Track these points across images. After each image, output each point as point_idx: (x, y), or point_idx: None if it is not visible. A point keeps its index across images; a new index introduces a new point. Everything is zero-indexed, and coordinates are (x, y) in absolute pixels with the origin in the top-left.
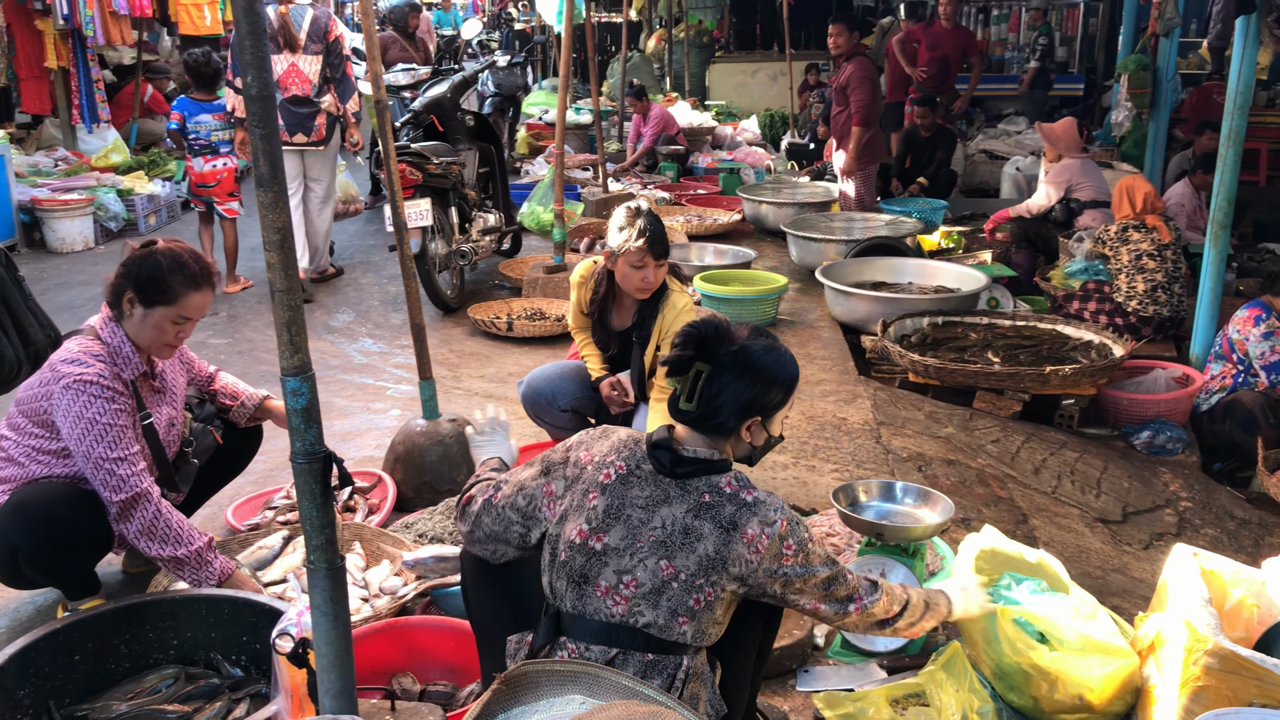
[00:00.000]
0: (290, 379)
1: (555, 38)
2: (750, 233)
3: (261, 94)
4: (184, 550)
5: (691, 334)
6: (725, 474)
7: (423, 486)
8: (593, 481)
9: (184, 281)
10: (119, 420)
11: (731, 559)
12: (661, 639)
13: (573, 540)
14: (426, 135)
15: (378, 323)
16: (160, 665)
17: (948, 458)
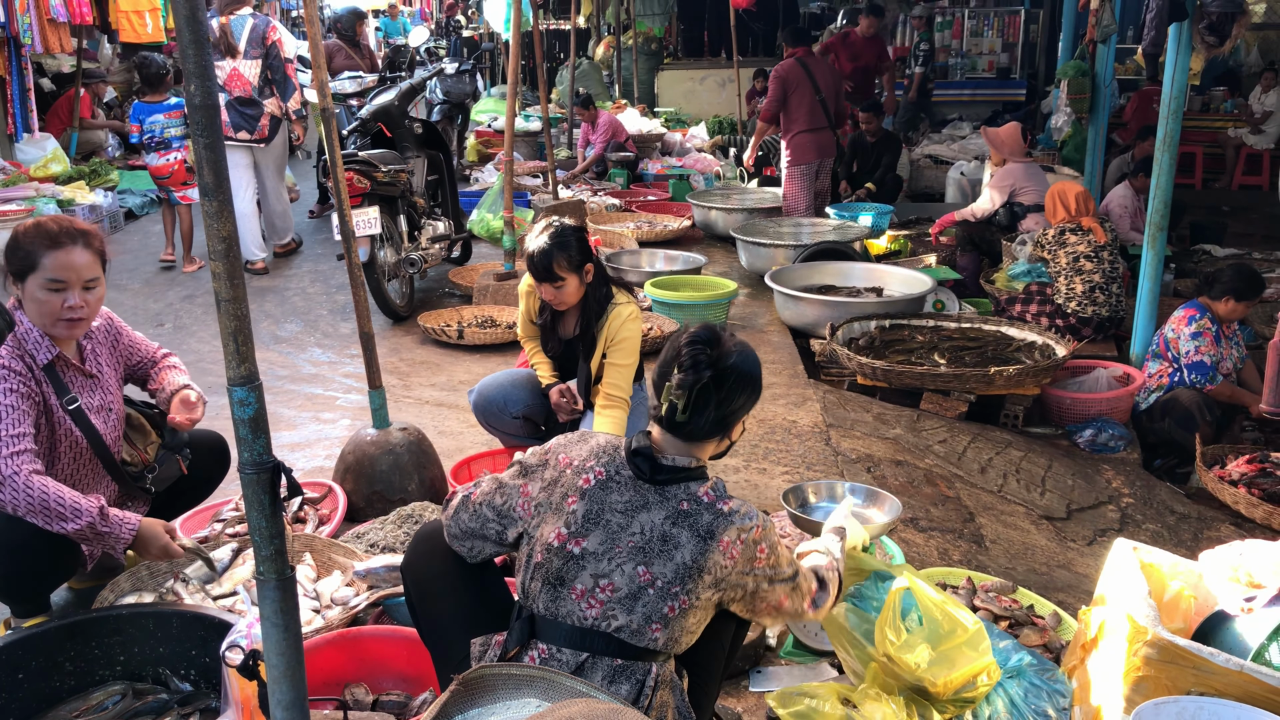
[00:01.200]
0: (237, 389)
1: (504, 45)
2: (700, 239)
3: (205, 103)
4: (75, 524)
5: (702, 353)
6: (703, 482)
7: (373, 496)
8: (572, 485)
9: (44, 242)
10: (5, 399)
11: (708, 567)
12: (632, 644)
13: (550, 543)
14: (374, 143)
15: (326, 332)
16: (107, 682)
17: (896, 458)
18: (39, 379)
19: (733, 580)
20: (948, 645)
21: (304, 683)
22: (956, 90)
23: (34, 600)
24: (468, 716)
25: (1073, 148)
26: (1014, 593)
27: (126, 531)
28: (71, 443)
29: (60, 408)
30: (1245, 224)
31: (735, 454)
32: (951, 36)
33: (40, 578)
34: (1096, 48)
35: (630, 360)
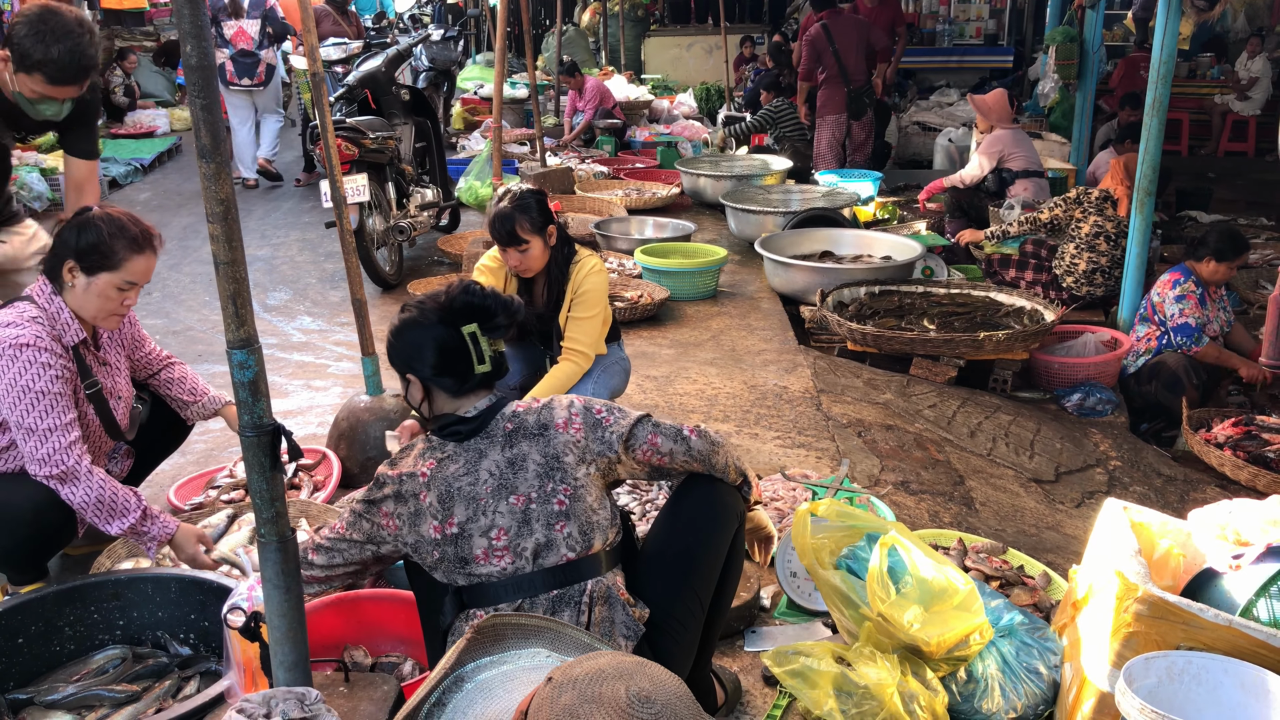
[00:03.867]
0: (236, 351)
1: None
2: (689, 206)
3: (201, 64)
4: (123, 523)
5: (489, 296)
6: (508, 403)
7: (368, 463)
8: (414, 487)
9: (127, 245)
10: (53, 387)
11: (560, 451)
12: (554, 566)
13: (434, 539)
14: (361, 110)
15: (316, 300)
16: (106, 646)
17: (886, 423)
18: (70, 358)
19: (594, 448)
20: (940, 606)
21: (305, 644)
22: (944, 57)
23: (34, 568)
24: (479, 664)
25: (1060, 114)
26: (1004, 554)
27: (164, 533)
28: (86, 422)
29: (81, 389)
30: (1230, 190)
31: (728, 419)
32: (939, 3)
33: (45, 548)
34: (1085, 13)
35: (593, 312)
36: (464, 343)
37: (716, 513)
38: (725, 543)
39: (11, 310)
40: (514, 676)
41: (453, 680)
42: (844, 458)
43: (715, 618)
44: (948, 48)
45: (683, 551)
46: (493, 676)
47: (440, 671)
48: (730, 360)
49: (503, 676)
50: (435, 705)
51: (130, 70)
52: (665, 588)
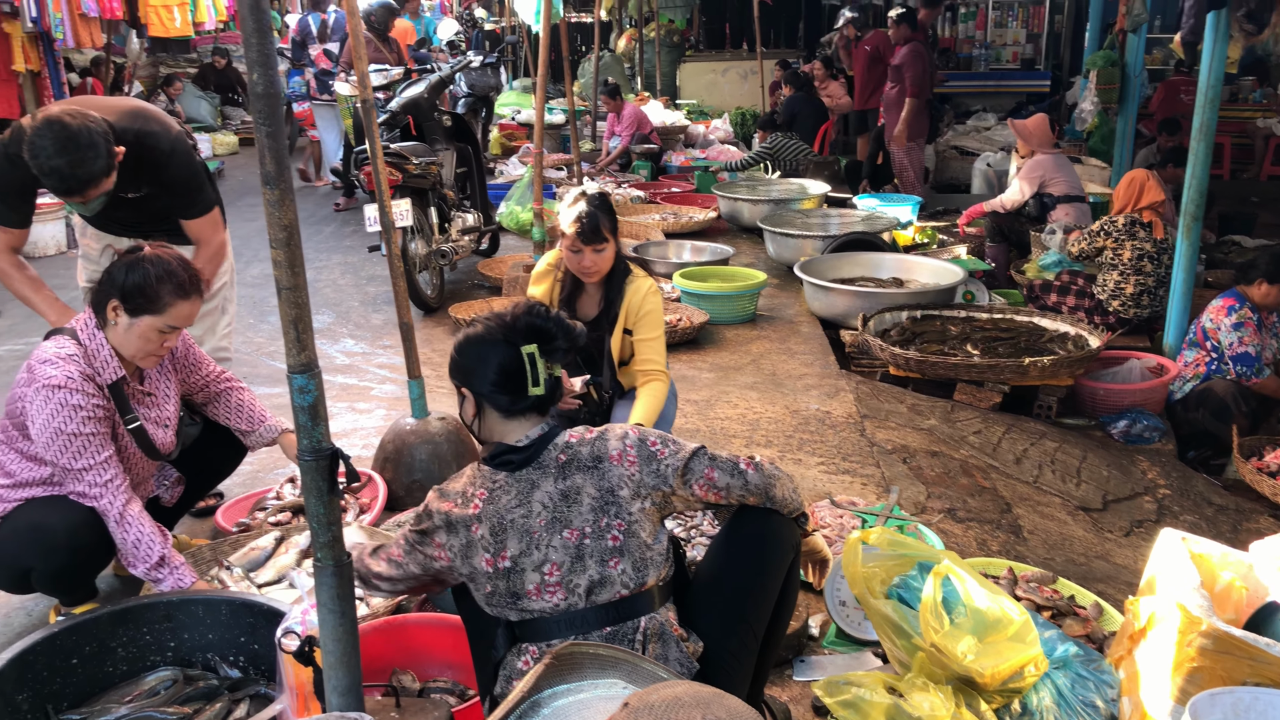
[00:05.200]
0: (297, 376)
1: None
2: (726, 230)
3: (267, 90)
4: (141, 568)
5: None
6: (560, 433)
7: (413, 485)
8: (465, 519)
9: (173, 290)
10: (85, 428)
11: (617, 485)
12: (608, 603)
13: (486, 572)
14: (403, 136)
15: (358, 323)
16: (158, 667)
17: (931, 449)
18: (106, 396)
19: (649, 482)
20: (995, 636)
21: (359, 668)
22: (980, 81)
23: (82, 589)
24: (556, 691)
25: (1099, 138)
26: (1054, 583)
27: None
28: (128, 454)
29: (121, 425)
30: (1274, 214)
31: (770, 444)
32: (975, 27)
33: (83, 569)
34: (1126, 37)
35: (659, 332)
36: (522, 363)
37: (773, 545)
38: (780, 576)
39: (52, 344)
40: (590, 705)
41: (529, 705)
42: (892, 485)
43: (768, 651)
44: (984, 72)
45: (737, 585)
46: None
47: (517, 696)
48: (771, 384)
49: (579, 704)
50: None
51: (175, 96)
52: (719, 622)
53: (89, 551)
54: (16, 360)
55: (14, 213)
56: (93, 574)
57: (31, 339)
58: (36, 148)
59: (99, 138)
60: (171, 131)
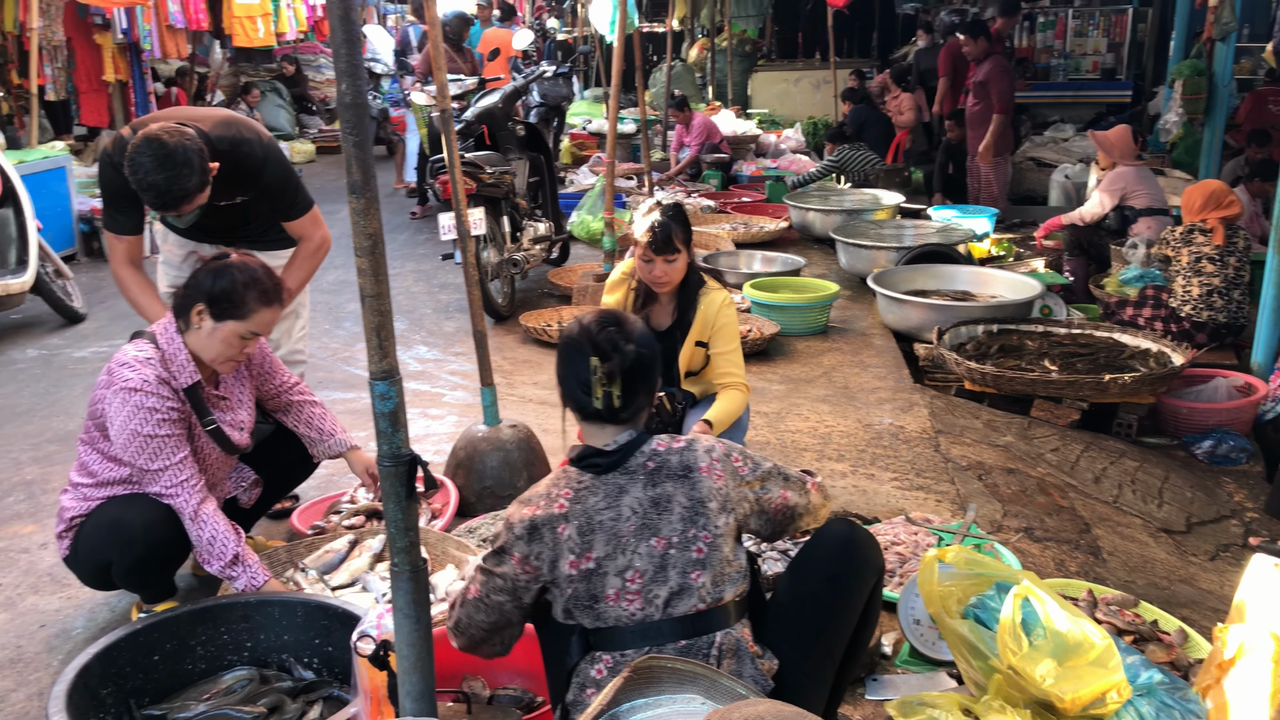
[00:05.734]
0: (379, 383)
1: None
2: (797, 240)
3: (355, 101)
4: (216, 565)
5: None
6: (648, 440)
7: (484, 492)
8: (550, 519)
9: (258, 297)
10: (160, 430)
11: (706, 496)
12: (684, 616)
13: (569, 575)
14: (477, 145)
15: (431, 330)
16: (235, 666)
17: (1007, 466)
18: (181, 399)
19: (734, 496)
20: (1075, 660)
21: (433, 674)
22: (1059, 92)
23: (160, 585)
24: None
25: (1183, 150)
26: (1136, 607)
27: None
28: (207, 454)
29: (200, 426)
30: None
31: (842, 458)
32: (1054, 37)
33: (160, 564)
34: (1214, 46)
35: (735, 344)
36: (589, 375)
37: (856, 566)
38: (863, 597)
39: (132, 347)
40: None
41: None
42: (968, 502)
43: (846, 671)
44: (1063, 82)
45: (817, 604)
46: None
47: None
48: (843, 398)
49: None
50: None
51: (254, 104)
52: (797, 641)
53: (164, 547)
54: (101, 362)
55: (126, 218)
56: (169, 570)
57: (116, 341)
58: (135, 164)
59: (194, 155)
60: (263, 138)
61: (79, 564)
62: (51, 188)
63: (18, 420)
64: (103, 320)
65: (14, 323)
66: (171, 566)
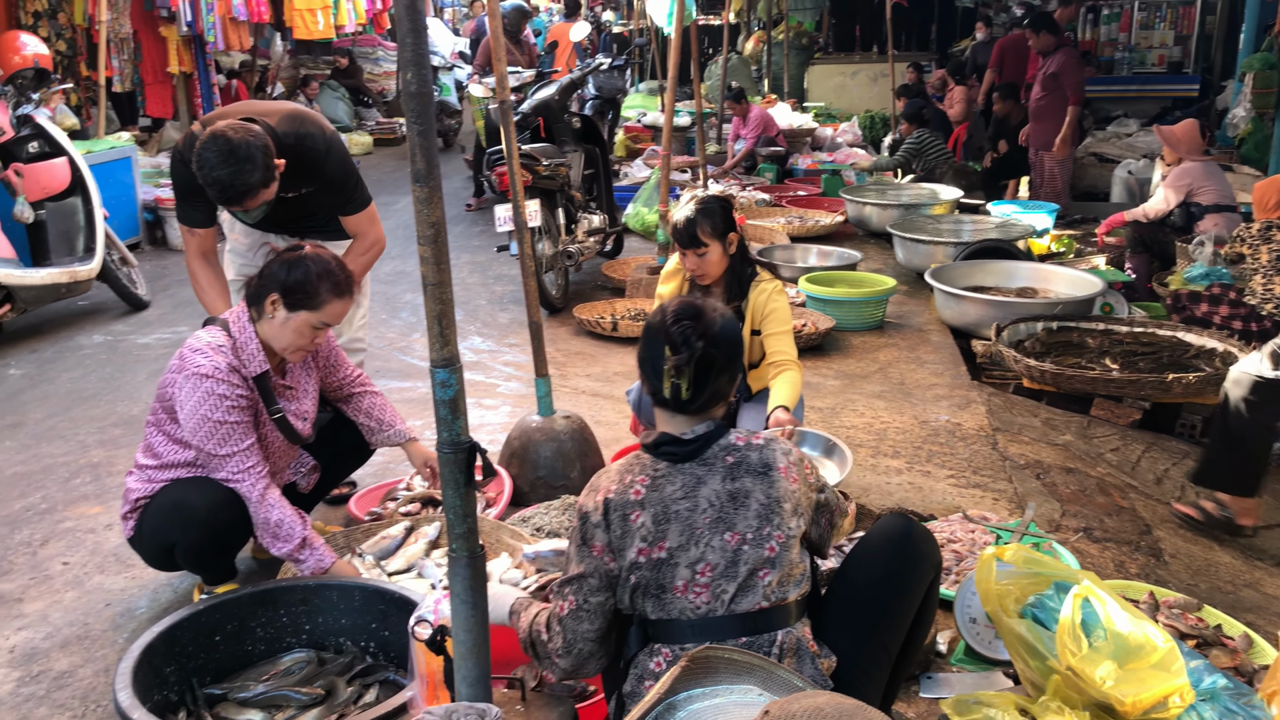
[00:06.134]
0: (439, 370)
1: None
2: (853, 235)
3: (420, 90)
4: (284, 548)
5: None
6: (726, 434)
7: (537, 482)
8: (625, 504)
9: (331, 289)
10: (230, 417)
11: (782, 496)
12: (750, 614)
13: (638, 561)
14: (533, 137)
15: (486, 321)
16: (293, 648)
17: (1066, 465)
18: (250, 387)
19: (804, 502)
20: (1137, 663)
21: (489, 660)
22: (1123, 86)
23: (222, 567)
24: (691, 695)
25: (1252, 145)
26: (1199, 610)
27: (319, 566)
28: (272, 441)
29: (266, 413)
30: None
31: (898, 455)
32: (1119, 29)
33: (222, 546)
34: None
35: (786, 327)
36: (662, 363)
37: (913, 561)
38: (919, 593)
39: (205, 333)
40: (725, 710)
41: (664, 707)
42: (1027, 501)
43: (901, 668)
44: (1127, 76)
45: (873, 600)
46: (704, 708)
47: (653, 698)
48: (899, 394)
49: (714, 709)
50: None
51: (312, 96)
52: (853, 637)
53: (225, 529)
54: (165, 349)
55: (198, 212)
56: (230, 552)
57: (179, 328)
58: (201, 160)
59: (258, 151)
60: (326, 132)
61: (143, 545)
62: (118, 177)
63: (84, 404)
64: (166, 308)
65: (81, 309)
66: (232, 549)
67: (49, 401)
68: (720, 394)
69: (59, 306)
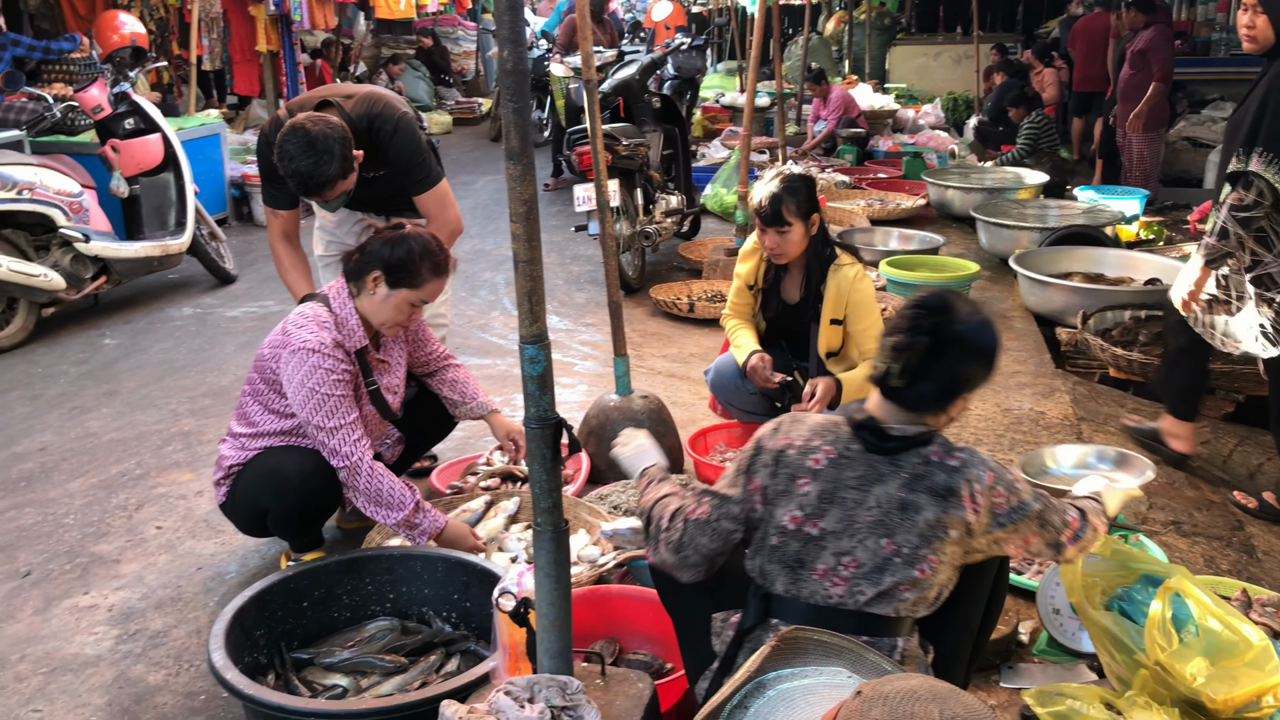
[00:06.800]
0: (529, 346)
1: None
2: (934, 218)
3: (516, 68)
4: (396, 515)
5: (923, 318)
6: (931, 442)
7: (615, 461)
8: (799, 466)
9: (432, 268)
10: (336, 390)
11: (952, 524)
12: (878, 615)
13: (785, 526)
14: (612, 117)
15: (563, 300)
16: (378, 616)
17: (1154, 457)
18: (352, 360)
19: (976, 533)
20: (1229, 661)
21: (570, 633)
22: (1219, 68)
23: (309, 535)
24: (780, 674)
25: None
26: None
27: (434, 527)
28: (366, 414)
29: (363, 388)
30: None
31: (980, 443)
32: (1216, 10)
33: (313, 512)
34: None
35: (875, 318)
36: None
37: None
38: (993, 569)
39: (309, 308)
40: (815, 690)
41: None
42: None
43: (976, 651)
44: (1223, 58)
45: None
46: (794, 688)
47: (744, 675)
48: None
49: (804, 689)
50: (738, 707)
51: (396, 76)
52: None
53: (316, 496)
54: (252, 322)
55: (282, 194)
56: (320, 520)
57: (265, 302)
58: (282, 152)
59: (336, 143)
60: (397, 111)
61: (235, 511)
62: (207, 154)
63: (175, 374)
64: (252, 282)
65: (171, 282)
66: (322, 517)
67: (142, 371)
68: (938, 400)
69: (151, 279)
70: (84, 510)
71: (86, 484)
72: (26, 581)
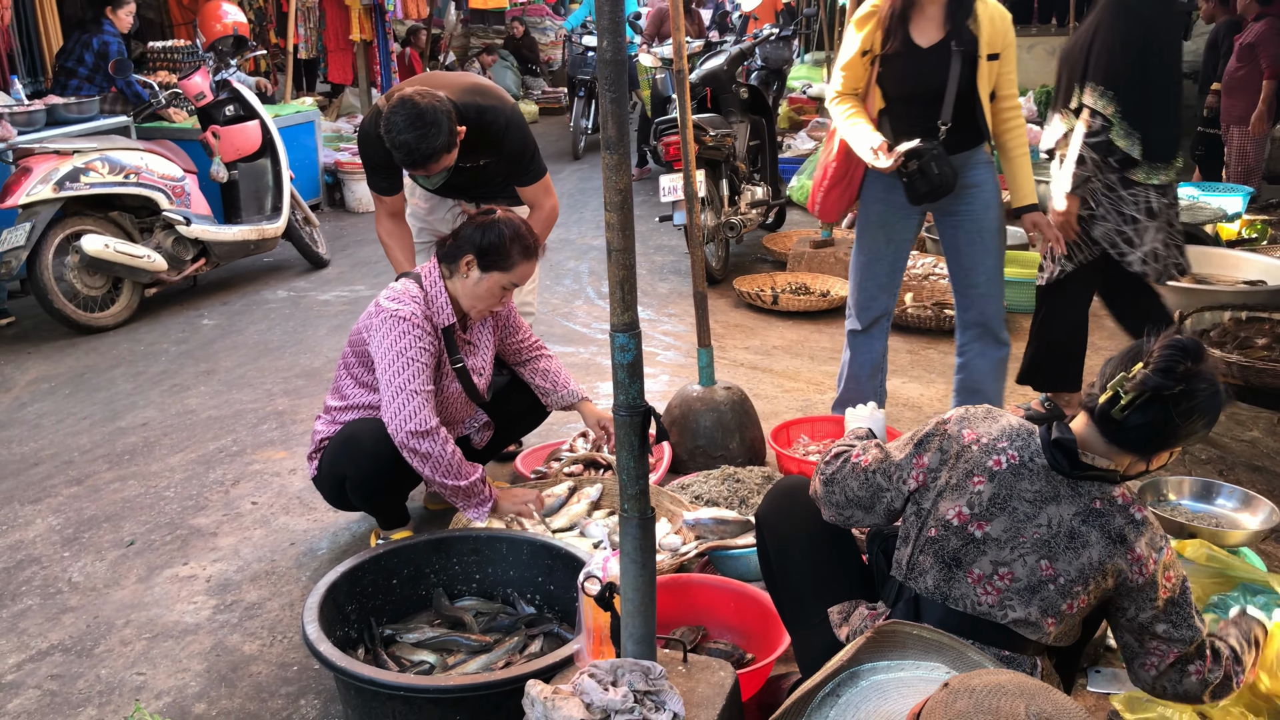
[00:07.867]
0: (619, 335)
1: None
2: None
3: (615, 58)
4: (462, 482)
5: (1180, 362)
6: (1117, 484)
7: (696, 450)
8: (979, 464)
9: (522, 252)
10: (421, 357)
11: (1112, 572)
12: (1021, 635)
13: (949, 520)
14: (699, 107)
15: (645, 290)
16: (464, 596)
17: (1253, 463)
18: (438, 336)
19: (1127, 596)
20: None
21: (654, 620)
22: None
23: (392, 509)
24: (875, 666)
25: None
26: None
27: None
28: (451, 392)
29: (448, 364)
30: None
31: None
32: None
33: (386, 481)
34: None
35: (1015, 62)
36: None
37: None
38: None
39: (400, 284)
40: (909, 684)
41: (848, 675)
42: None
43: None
44: None
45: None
46: (888, 680)
47: (837, 664)
48: None
49: (898, 681)
50: (830, 695)
51: (489, 66)
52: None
53: (389, 463)
54: (344, 305)
55: (384, 181)
56: (398, 490)
57: (356, 286)
58: (390, 123)
59: (443, 116)
60: (507, 106)
61: (323, 482)
62: (301, 141)
63: (270, 355)
64: (344, 266)
65: (266, 265)
66: (399, 487)
67: (238, 351)
68: (1150, 445)
69: (247, 262)
70: (184, 484)
71: (186, 459)
72: (131, 550)
